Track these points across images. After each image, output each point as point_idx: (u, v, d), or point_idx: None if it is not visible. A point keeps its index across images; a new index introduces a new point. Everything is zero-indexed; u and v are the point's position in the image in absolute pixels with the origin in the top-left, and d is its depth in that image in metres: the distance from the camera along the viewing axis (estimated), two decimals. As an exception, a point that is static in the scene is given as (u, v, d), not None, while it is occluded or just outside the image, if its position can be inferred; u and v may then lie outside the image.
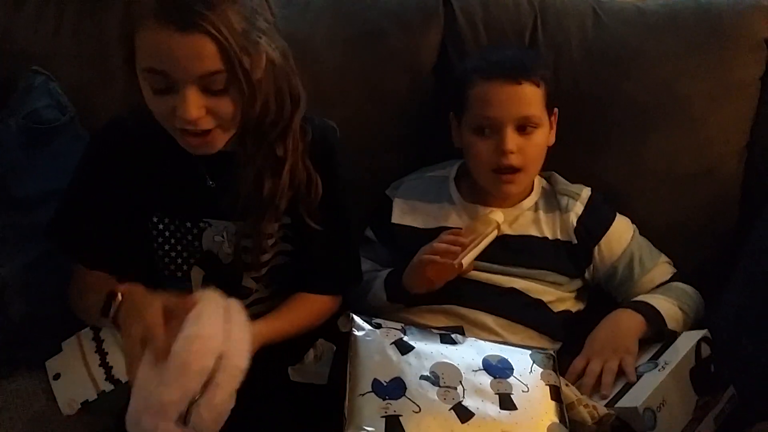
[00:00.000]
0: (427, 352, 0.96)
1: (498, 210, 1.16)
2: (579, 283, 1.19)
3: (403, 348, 0.96)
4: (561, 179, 1.22)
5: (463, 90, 1.16)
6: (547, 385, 0.95)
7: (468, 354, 0.96)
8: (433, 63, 1.30)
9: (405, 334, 0.98)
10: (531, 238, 1.16)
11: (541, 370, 0.97)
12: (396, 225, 1.22)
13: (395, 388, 0.91)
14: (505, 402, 0.91)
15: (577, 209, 1.17)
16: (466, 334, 1.06)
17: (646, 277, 1.16)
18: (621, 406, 0.98)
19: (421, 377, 0.92)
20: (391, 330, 0.98)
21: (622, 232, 1.18)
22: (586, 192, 1.19)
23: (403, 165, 1.30)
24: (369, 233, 1.26)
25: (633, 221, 1.21)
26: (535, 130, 1.13)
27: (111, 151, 1.02)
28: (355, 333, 0.97)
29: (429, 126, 1.29)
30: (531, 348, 1.02)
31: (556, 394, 0.95)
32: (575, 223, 1.16)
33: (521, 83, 1.12)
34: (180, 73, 0.86)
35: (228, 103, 0.90)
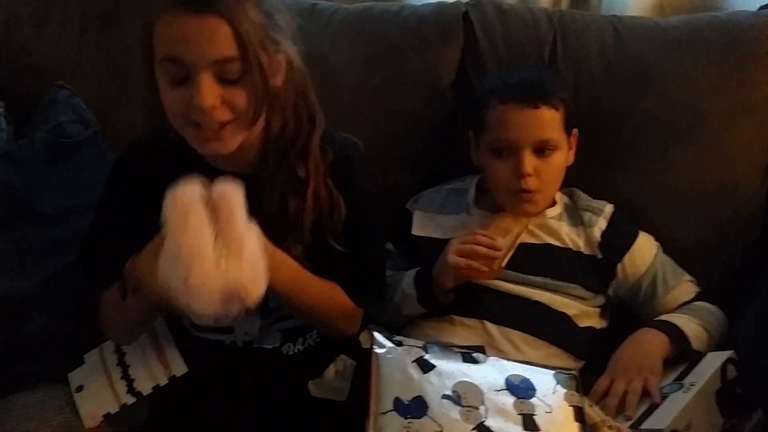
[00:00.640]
0: (449, 371, 0.94)
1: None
2: (602, 300, 1.18)
3: (425, 366, 0.95)
4: (583, 195, 1.22)
5: (480, 111, 1.16)
6: (570, 406, 0.94)
7: (490, 373, 0.95)
8: (452, 80, 1.30)
9: (426, 352, 0.97)
10: (555, 247, 1.16)
11: (565, 391, 0.95)
12: (416, 237, 1.22)
13: (417, 407, 0.90)
14: (528, 423, 0.90)
15: (601, 224, 1.16)
16: (489, 350, 1.06)
17: (669, 295, 1.15)
18: (646, 428, 0.96)
19: (443, 396, 0.91)
20: (412, 348, 0.97)
21: (645, 249, 1.17)
22: (609, 208, 1.18)
23: (421, 182, 1.30)
24: (389, 246, 1.26)
25: (654, 239, 1.20)
26: (554, 153, 1.13)
27: (134, 175, 1.01)
28: (377, 350, 0.96)
29: (447, 143, 1.29)
30: (554, 368, 1.00)
31: (579, 415, 0.94)
32: (599, 238, 1.15)
33: (539, 107, 1.11)
34: (194, 56, 0.86)
35: (243, 95, 0.89)
